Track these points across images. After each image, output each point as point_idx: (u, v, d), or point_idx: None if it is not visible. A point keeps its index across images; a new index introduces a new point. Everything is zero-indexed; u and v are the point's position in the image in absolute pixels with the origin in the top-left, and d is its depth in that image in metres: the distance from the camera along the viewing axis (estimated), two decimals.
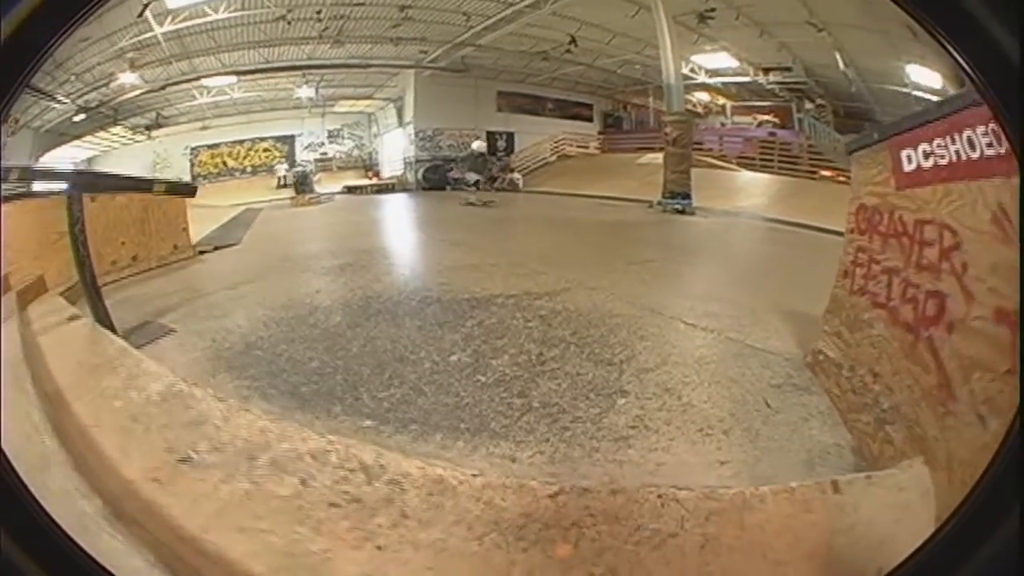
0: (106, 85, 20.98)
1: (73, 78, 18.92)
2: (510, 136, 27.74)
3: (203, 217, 12.37)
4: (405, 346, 5.99)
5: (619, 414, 4.72)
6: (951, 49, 1.99)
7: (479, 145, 23.95)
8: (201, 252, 10.57)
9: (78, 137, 23.49)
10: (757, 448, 4.25)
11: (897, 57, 19.53)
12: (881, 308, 4.14)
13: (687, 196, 16.22)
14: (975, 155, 3.17)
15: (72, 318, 5.82)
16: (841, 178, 18.90)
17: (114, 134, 25.02)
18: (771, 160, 21.95)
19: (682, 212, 15.80)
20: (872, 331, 4.24)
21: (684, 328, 6.34)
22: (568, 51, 24.04)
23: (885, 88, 22.08)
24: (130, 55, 19.25)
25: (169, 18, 17.50)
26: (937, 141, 3.56)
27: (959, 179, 3.35)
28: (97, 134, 24.24)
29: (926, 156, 3.71)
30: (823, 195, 16.50)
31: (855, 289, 4.59)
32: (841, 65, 21.88)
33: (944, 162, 3.50)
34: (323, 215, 19.53)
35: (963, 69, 2.00)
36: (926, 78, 19.82)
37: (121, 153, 26.34)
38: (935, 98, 20.82)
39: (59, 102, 19.54)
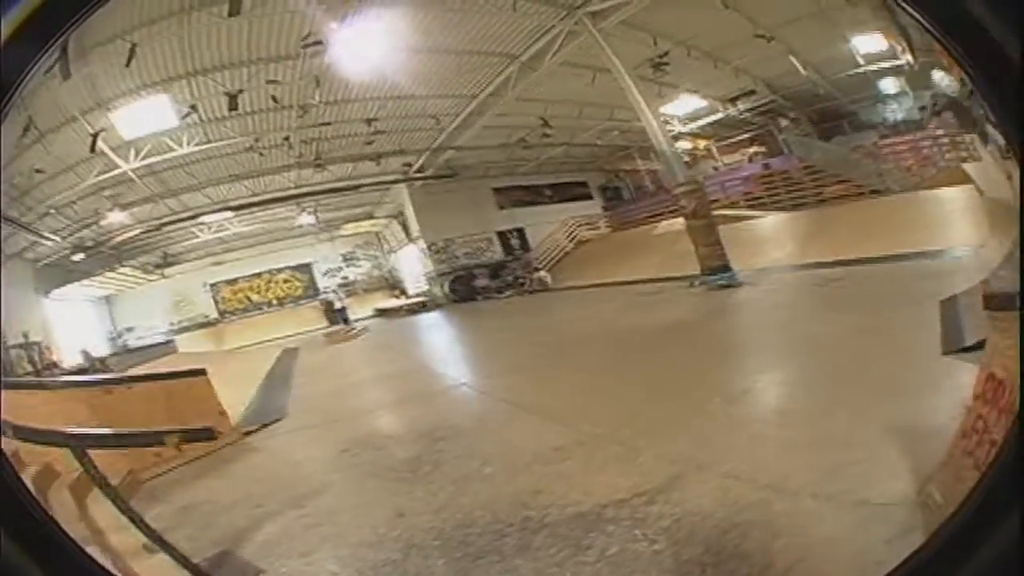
0: (96, 223, 21.47)
1: (53, 211, 19.32)
2: (521, 232, 27.69)
3: (237, 375, 12.02)
4: None
5: None
6: (951, 49, 1.98)
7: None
8: (247, 433, 9.75)
9: (88, 275, 24.20)
10: None
11: (842, 35, 19.79)
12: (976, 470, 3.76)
13: (727, 268, 15.67)
14: None
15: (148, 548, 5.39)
16: (851, 192, 19.63)
17: (124, 274, 25.74)
18: (777, 192, 21.76)
19: (728, 286, 15.12)
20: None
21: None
22: (545, 134, 24.26)
23: (843, 76, 22.59)
24: (108, 193, 19.65)
25: (132, 152, 17.75)
26: None
27: None
28: (106, 274, 24.93)
29: None
30: (845, 221, 16.67)
31: (966, 452, 4.19)
32: (801, 69, 21.91)
33: None
34: (364, 355, 18.80)
35: (963, 69, 1.99)
36: (873, 44, 20.47)
37: (137, 293, 27.46)
38: (890, 64, 21.34)
39: (44, 237, 19.95)
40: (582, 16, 16.35)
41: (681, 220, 20.00)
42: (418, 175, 25.56)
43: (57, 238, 20.60)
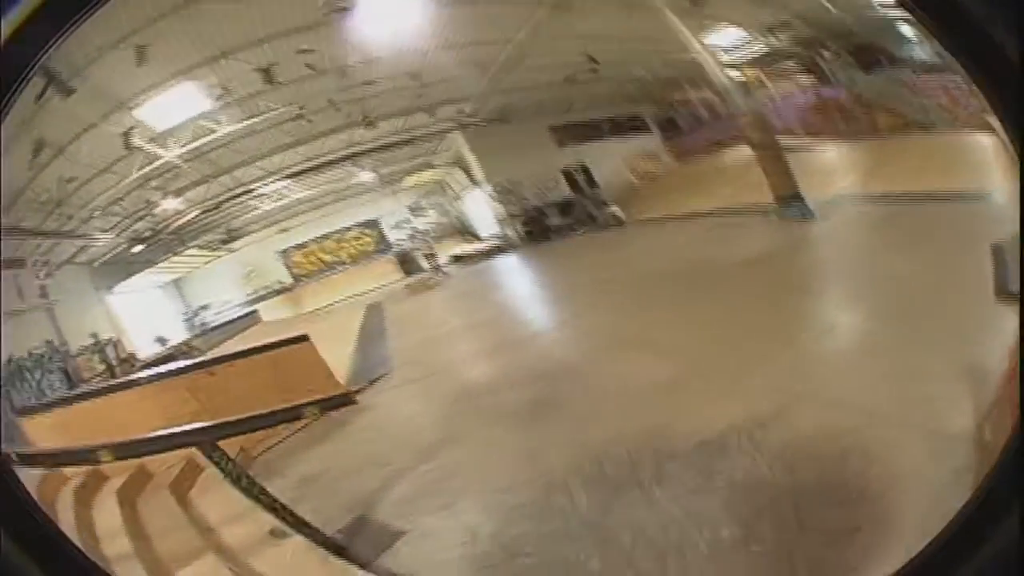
0: (149, 214, 21.65)
1: (98, 213, 19.44)
2: (585, 168, 26.94)
3: (327, 335, 12.04)
4: None
5: None
6: (951, 49, 2.09)
7: None
8: (356, 391, 9.82)
9: (151, 264, 24.41)
10: None
11: None
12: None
13: (798, 197, 15.53)
14: None
15: (276, 533, 5.39)
16: (900, 124, 19.07)
17: (189, 256, 25.82)
18: (833, 123, 21.11)
19: (802, 217, 15.10)
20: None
21: None
22: (592, 70, 23.83)
23: (867, 16, 21.38)
24: (154, 183, 19.81)
25: (171, 141, 17.78)
26: None
27: None
28: (171, 259, 25.02)
29: None
30: (900, 154, 16.95)
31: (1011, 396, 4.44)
32: (829, 6, 20.99)
33: None
34: (450, 304, 18.89)
35: (963, 69, 2.07)
36: None
37: (206, 272, 27.58)
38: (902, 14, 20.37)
39: (94, 239, 20.18)
40: None
41: (747, 149, 19.86)
42: (471, 121, 25.25)
43: (109, 236, 20.78)
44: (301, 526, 5.06)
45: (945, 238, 10.44)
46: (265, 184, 24.07)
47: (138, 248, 22.75)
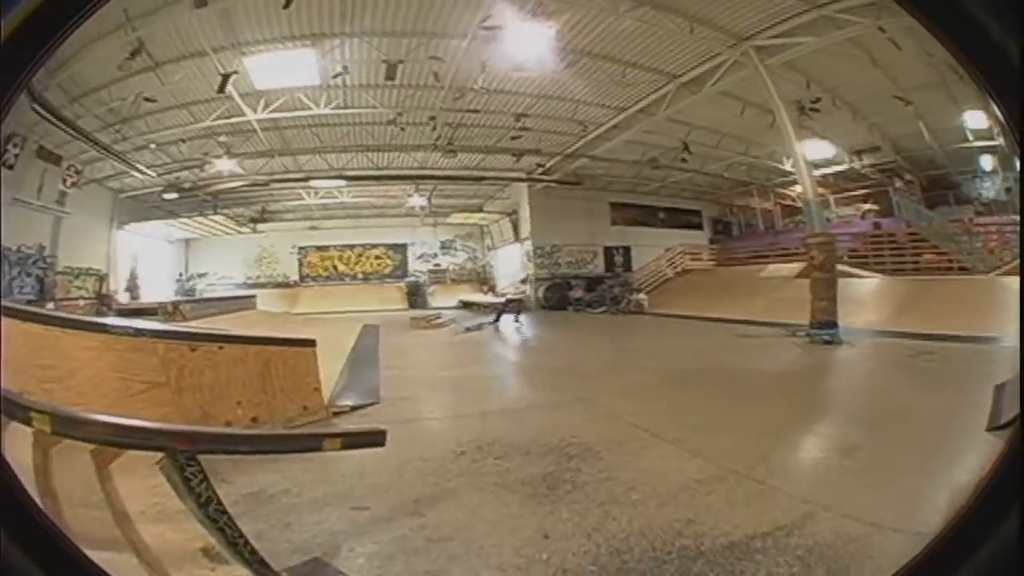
0: (200, 167, 21.33)
1: (154, 146, 19.05)
2: (627, 250, 27.81)
3: (320, 342, 11.33)
4: None
5: None
6: (951, 49, 1.96)
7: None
8: (336, 413, 8.68)
9: (173, 215, 24.27)
10: None
11: (958, 107, 19.64)
12: None
13: (834, 325, 15.47)
14: None
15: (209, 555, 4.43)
16: (943, 264, 19.91)
17: (215, 222, 25.69)
18: (882, 254, 21.71)
19: (830, 342, 14.92)
20: None
21: None
22: (683, 159, 24.01)
23: (953, 148, 22.55)
24: (222, 138, 19.37)
25: (262, 102, 17.25)
26: None
27: None
28: (195, 218, 24.94)
29: None
30: (937, 294, 16.89)
31: None
32: (926, 134, 21.81)
33: None
34: (455, 348, 17.60)
35: (963, 69, 1.96)
36: (979, 121, 20.43)
37: (223, 242, 27.90)
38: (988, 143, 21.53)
39: (138, 169, 19.64)
40: (748, 48, 16.35)
41: (788, 266, 20.36)
42: (544, 177, 25.32)
43: (152, 173, 20.35)
44: (252, 563, 3.74)
45: (962, 379, 10.63)
46: (322, 178, 23.78)
47: (172, 196, 22.50)
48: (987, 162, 23.15)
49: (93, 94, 15.59)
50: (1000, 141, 20.43)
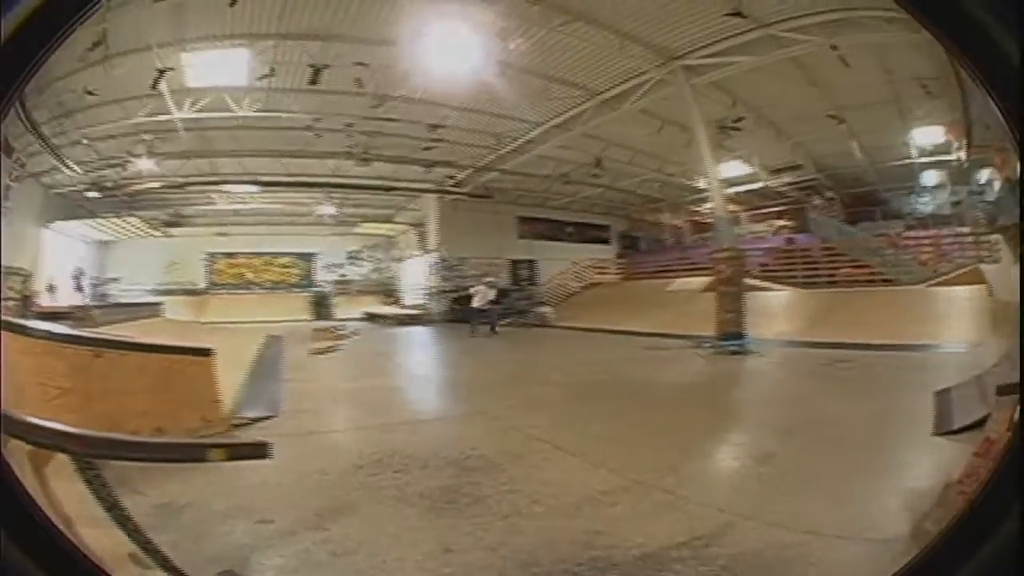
0: (122, 166, 20.76)
1: (85, 142, 18.48)
2: (532, 264, 27.98)
3: (222, 353, 11.00)
4: None
5: None
6: (952, 49, 2.03)
7: (482, 291, 23.03)
8: (236, 425, 8.57)
9: (93, 216, 23.48)
10: None
11: (905, 124, 20.06)
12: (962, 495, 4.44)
13: (741, 336, 15.87)
14: None
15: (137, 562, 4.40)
16: (863, 277, 19.96)
17: (130, 224, 24.99)
18: (794, 268, 22.05)
19: (737, 353, 15.19)
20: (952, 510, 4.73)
21: None
22: (594, 174, 24.26)
23: (891, 165, 23.15)
24: (146, 137, 18.90)
25: (188, 101, 16.92)
26: None
27: None
28: (112, 219, 24.18)
29: None
30: (854, 305, 17.25)
31: (960, 492, 4.82)
32: (858, 152, 22.30)
33: None
34: (358, 360, 17.36)
35: (964, 69, 2.04)
36: (930, 137, 20.92)
37: (136, 246, 26.86)
38: (938, 159, 21.91)
39: (68, 165, 19.11)
40: (677, 67, 16.44)
41: (695, 280, 20.69)
42: (455, 189, 25.44)
43: (80, 170, 19.77)
44: (168, 570, 4.08)
45: (882, 385, 11.02)
46: (236, 182, 23.51)
47: (94, 194, 21.88)
48: (931, 178, 23.91)
49: (53, 84, 15.13)
50: (956, 156, 20.99)
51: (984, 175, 20.59)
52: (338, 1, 14.18)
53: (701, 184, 20.52)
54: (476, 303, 22.76)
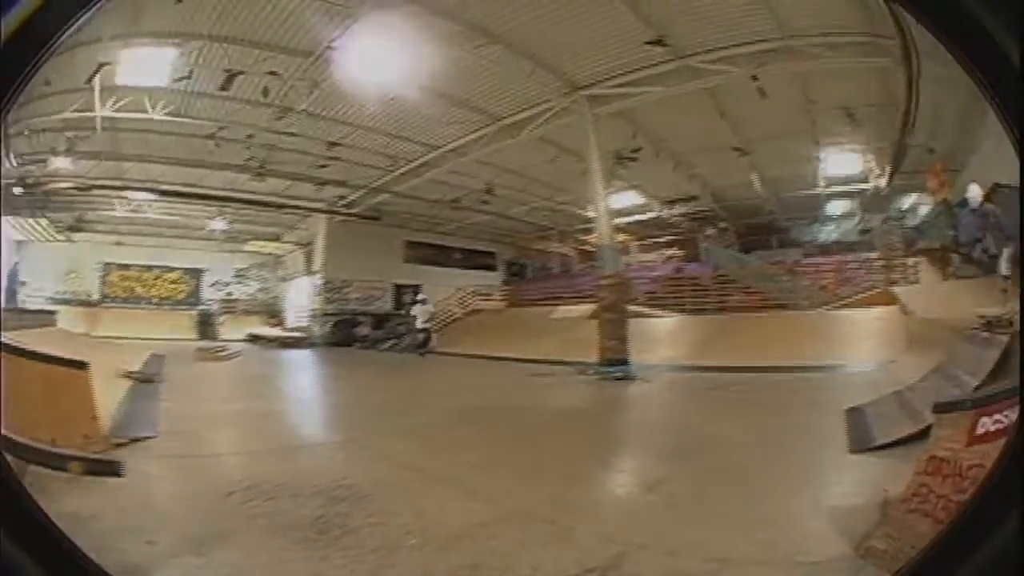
0: (44, 160, 20.13)
1: (27, 132, 18.08)
2: (417, 289, 27.24)
3: (110, 367, 10.69)
4: None
5: None
6: (952, 50, 2.07)
7: (419, 310, 23.37)
8: (116, 444, 8.27)
9: (13, 214, 22.54)
10: None
11: (816, 155, 20.55)
12: (929, 518, 4.86)
13: (625, 362, 15.87)
14: None
15: None
16: (755, 304, 20.34)
17: (37, 226, 24.22)
18: (682, 296, 22.34)
19: (623, 379, 15.13)
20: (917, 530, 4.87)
21: None
22: (484, 200, 24.48)
23: (794, 195, 23.69)
24: (69, 134, 18.51)
25: (113, 98, 16.48)
26: (1007, 412, 4.34)
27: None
28: (26, 220, 23.41)
29: (995, 423, 4.51)
30: (745, 330, 17.49)
31: (911, 510, 5.20)
32: (758, 184, 22.83)
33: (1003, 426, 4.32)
34: (239, 382, 16.83)
35: (965, 69, 2.07)
36: (845, 166, 21.37)
37: (41, 250, 25.93)
38: (851, 187, 22.52)
39: (8, 158, 18.33)
40: (582, 96, 16.66)
41: (580, 307, 20.98)
42: (345, 210, 25.45)
43: (14, 163, 19.16)
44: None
45: (777, 406, 10.99)
46: (135, 189, 22.91)
47: (18, 191, 21.02)
48: (838, 206, 24.77)
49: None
50: (875, 183, 21.66)
51: (908, 201, 21.42)
52: (272, 6, 14.04)
53: (591, 213, 20.39)
54: (419, 323, 23.04)
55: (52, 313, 22.02)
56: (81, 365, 8.21)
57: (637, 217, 26.21)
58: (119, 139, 19.48)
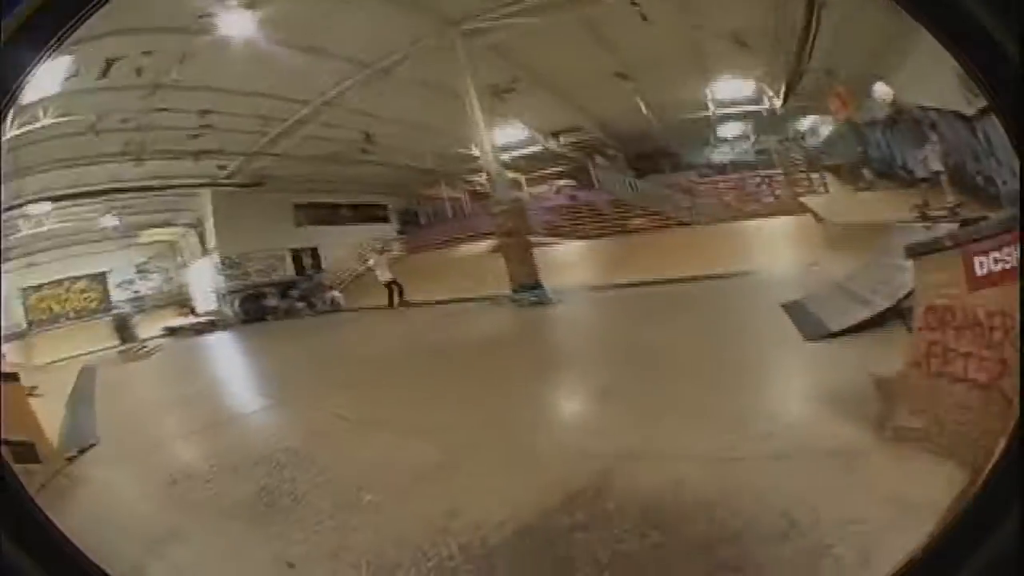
0: None
1: None
2: (314, 251, 27.80)
3: (51, 390, 10.98)
4: None
5: None
6: (952, 50, 2.16)
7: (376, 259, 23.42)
8: (68, 458, 8.72)
9: None
10: None
11: (703, 78, 21.04)
12: (961, 381, 4.93)
13: (539, 285, 16.09)
14: None
15: None
16: (654, 224, 21.07)
17: None
18: (581, 223, 22.99)
19: (540, 303, 15.52)
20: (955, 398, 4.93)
21: None
22: (364, 150, 24.47)
23: (680, 119, 23.96)
24: None
25: (18, 120, 15.85)
26: (1006, 249, 4.57)
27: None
28: None
29: (996, 262, 4.67)
30: (650, 248, 18.37)
31: (932, 373, 5.24)
32: (644, 109, 23.03)
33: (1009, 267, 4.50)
34: (161, 375, 17.97)
35: (965, 69, 2.14)
36: (734, 90, 21.96)
37: None
38: (741, 109, 23.08)
39: None
40: (456, 32, 16.81)
41: (480, 244, 21.57)
42: (226, 181, 25.17)
43: None
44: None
45: (698, 310, 11.31)
46: (32, 201, 22.13)
47: None
48: (729, 130, 24.71)
49: None
50: (769, 104, 21.96)
51: (807, 122, 21.92)
52: None
53: (476, 152, 20.38)
54: (380, 278, 22.73)
55: None
56: (11, 377, 8.71)
57: (524, 151, 26.07)
58: (20, 154, 18.53)
